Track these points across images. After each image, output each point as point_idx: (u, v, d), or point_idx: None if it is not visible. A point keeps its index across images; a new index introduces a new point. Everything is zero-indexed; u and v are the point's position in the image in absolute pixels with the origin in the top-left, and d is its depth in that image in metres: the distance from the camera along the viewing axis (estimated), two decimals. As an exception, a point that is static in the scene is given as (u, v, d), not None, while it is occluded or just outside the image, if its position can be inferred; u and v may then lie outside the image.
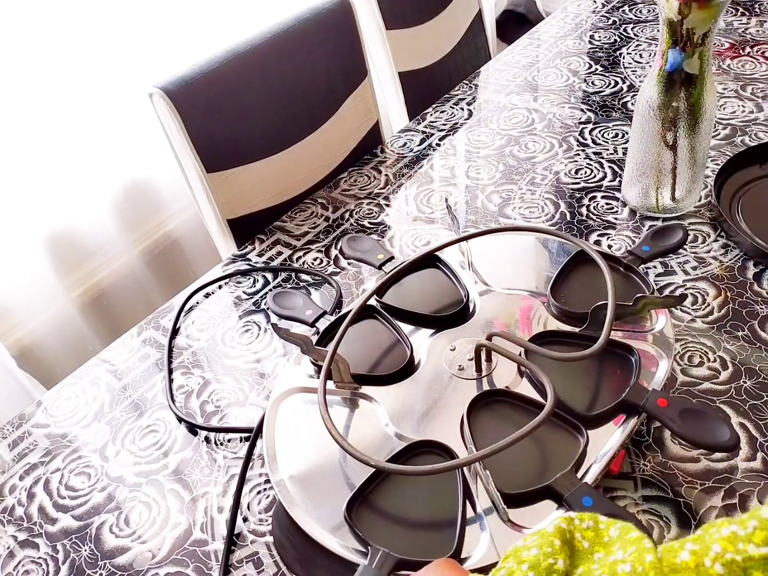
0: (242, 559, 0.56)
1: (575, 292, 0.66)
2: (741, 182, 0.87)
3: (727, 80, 1.10)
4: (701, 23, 0.69)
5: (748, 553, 0.26)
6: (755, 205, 0.83)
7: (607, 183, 0.92)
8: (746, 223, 0.80)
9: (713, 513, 0.54)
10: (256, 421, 0.65)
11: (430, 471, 0.48)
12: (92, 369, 0.76)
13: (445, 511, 0.50)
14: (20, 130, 1.22)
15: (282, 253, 0.89)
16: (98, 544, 0.59)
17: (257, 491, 0.61)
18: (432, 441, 0.54)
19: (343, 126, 1.15)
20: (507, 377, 0.59)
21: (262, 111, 1.03)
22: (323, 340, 0.66)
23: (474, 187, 0.95)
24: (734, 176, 0.87)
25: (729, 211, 0.82)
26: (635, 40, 1.27)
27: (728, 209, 0.83)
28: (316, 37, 1.07)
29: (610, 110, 1.07)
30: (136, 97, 1.29)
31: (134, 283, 1.50)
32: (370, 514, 0.50)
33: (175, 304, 0.83)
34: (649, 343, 0.60)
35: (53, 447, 0.68)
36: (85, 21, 1.24)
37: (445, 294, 0.69)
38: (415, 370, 0.61)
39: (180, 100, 0.92)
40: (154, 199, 1.51)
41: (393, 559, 0.46)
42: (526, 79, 1.20)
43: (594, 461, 0.52)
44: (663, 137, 0.77)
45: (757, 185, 0.86)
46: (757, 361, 0.66)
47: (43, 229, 1.32)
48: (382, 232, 0.90)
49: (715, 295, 0.73)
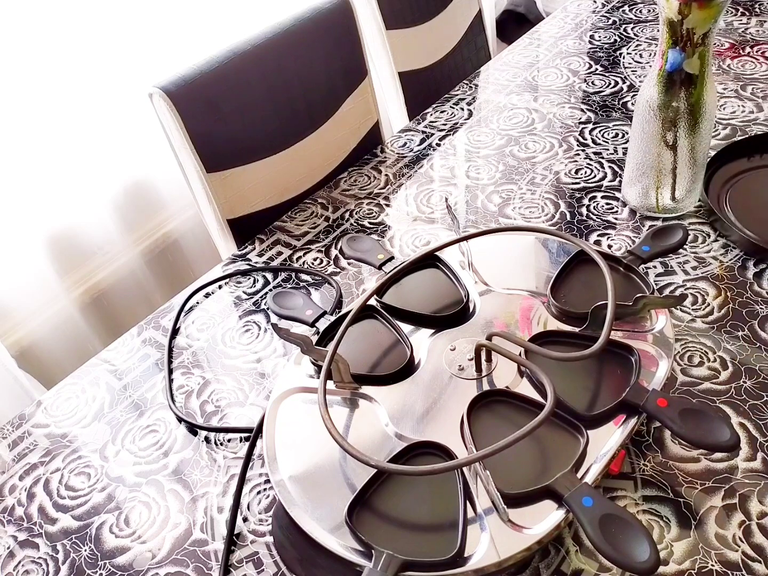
0: (242, 559, 0.56)
1: (575, 292, 0.66)
2: (729, 175, 0.88)
3: (727, 80, 1.10)
4: (701, 23, 0.69)
5: None
6: (744, 197, 0.84)
7: (607, 183, 0.92)
8: (735, 216, 0.81)
9: (713, 513, 0.55)
10: (256, 421, 0.65)
11: (431, 471, 0.48)
12: (92, 369, 0.76)
13: (446, 511, 0.50)
14: (20, 130, 1.22)
15: (282, 253, 0.89)
16: (98, 544, 0.59)
17: (257, 491, 0.61)
18: (430, 442, 0.54)
19: (343, 126, 1.15)
20: (507, 377, 0.59)
21: (262, 111, 1.03)
22: (323, 340, 0.66)
23: (474, 187, 0.95)
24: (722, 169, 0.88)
25: (718, 204, 0.83)
26: (635, 40, 1.27)
27: (717, 202, 0.84)
28: (316, 37, 1.07)
29: (610, 110, 1.07)
30: (136, 97, 1.30)
31: (134, 283, 1.50)
32: (371, 516, 0.50)
33: (175, 304, 0.83)
34: (649, 343, 0.60)
35: (53, 447, 0.68)
36: (85, 21, 1.24)
37: (445, 294, 0.69)
38: (415, 370, 0.61)
39: (180, 100, 0.92)
40: (154, 199, 1.51)
41: (398, 561, 0.46)
42: (526, 79, 1.20)
43: (594, 461, 0.52)
44: (663, 137, 0.77)
45: (744, 177, 0.87)
46: (757, 361, 0.66)
47: (43, 229, 1.32)
48: (382, 232, 0.90)
49: (715, 295, 0.73)
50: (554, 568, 0.53)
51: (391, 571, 0.45)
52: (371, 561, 0.46)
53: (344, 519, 0.49)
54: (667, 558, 0.52)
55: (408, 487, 0.52)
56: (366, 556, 0.47)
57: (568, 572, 0.52)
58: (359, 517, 0.50)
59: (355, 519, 0.50)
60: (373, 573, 0.45)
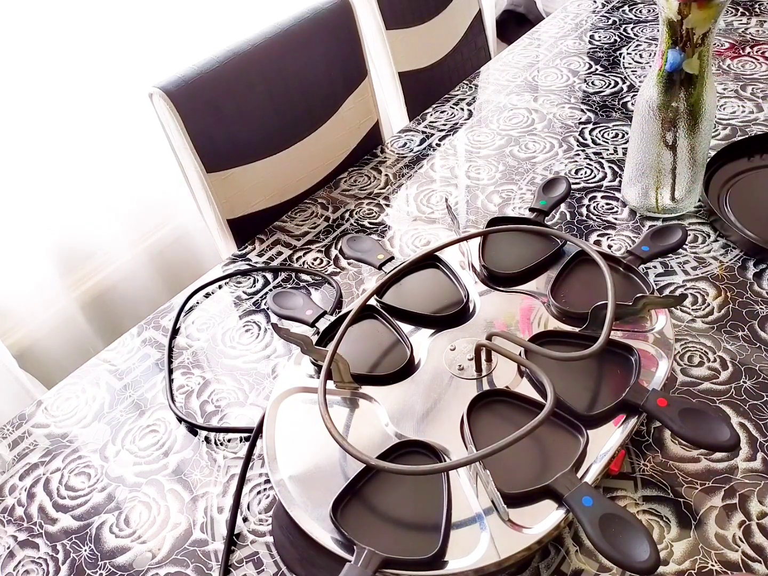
0: (242, 559, 0.56)
1: (575, 292, 0.66)
2: (729, 175, 0.88)
3: (727, 80, 1.10)
4: (701, 23, 0.69)
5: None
6: (744, 197, 0.84)
7: (607, 183, 0.92)
8: (735, 216, 0.81)
9: (713, 513, 0.55)
10: (256, 421, 0.65)
11: (431, 471, 0.48)
12: (92, 369, 0.76)
13: (431, 510, 0.50)
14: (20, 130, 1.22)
15: (282, 253, 0.89)
16: (98, 544, 0.59)
17: (257, 491, 0.61)
18: (416, 440, 0.54)
19: (343, 126, 1.15)
20: (507, 377, 0.59)
21: (262, 111, 1.03)
22: (323, 340, 0.66)
23: (474, 187, 0.95)
24: (722, 169, 0.89)
25: (718, 204, 0.84)
26: (635, 40, 1.27)
27: (717, 202, 0.84)
28: (316, 37, 1.07)
29: (610, 110, 1.07)
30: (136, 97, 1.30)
31: (134, 283, 1.50)
32: (356, 513, 0.50)
33: (175, 304, 0.83)
34: (649, 343, 0.60)
35: (53, 447, 0.68)
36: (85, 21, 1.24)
37: (445, 294, 0.69)
38: (415, 370, 0.61)
39: (180, 100, 0.92)
40: (154, 199, 1.51)
41: (379, 558, 0.46)
42: (526, 79, 1.20)
43: (594, 461, 0.52)
44: (663, 137, 0.77)
45: (744, 177, 0.87)
46: (757, 361, 0.66)
47: (44, 229, 1.32)
48: (382, 232, 0.90)
49: (715, 295, 0.73)
50: (554, 568, 0.53)
51: (372, 568, 0.45)
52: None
53: (329, 515, 0.49)
54: (667, 558, 0.52)
55: (395, 485, 0.52)
56: (351, 552, 0.47)
57: (568, 572, 0.52)
58: (344, 513, 0.50)
59: (339, 515, 0.50)
60: (353, 569, 0.45)
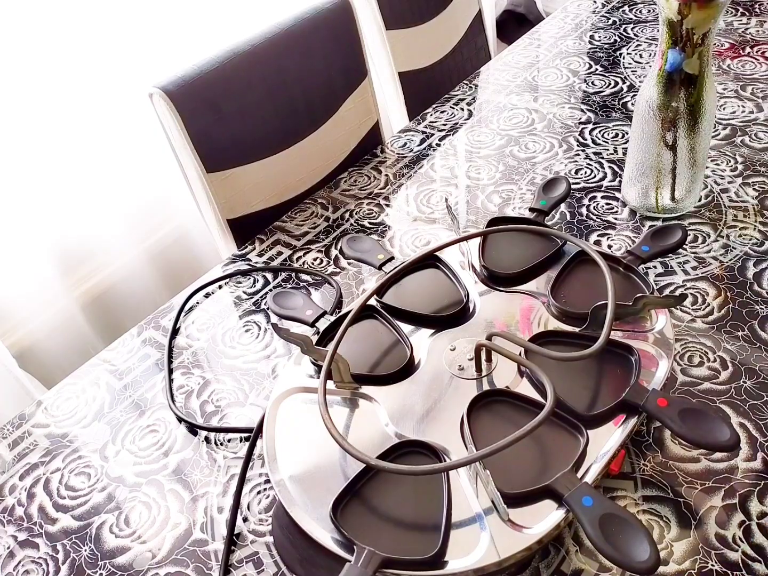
0: (242, 559, 0.56)
1: (575, 292, 0.66)
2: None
3: (727, 80, 1.10)
4: (701, 23, 0.69)
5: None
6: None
7: (607, 183, 0.92)
8: None
9: (713, 513, 0.55)
10: (256, 421, 0.65)
11: (431, 471, 0.48)
12: (92, 369, 0.76)
13: (431, 510, 0.50)
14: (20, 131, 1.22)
15: (282, 253, 0.89)
16: (98, 544, 0.59)
17: (257, 491, 0.61)
18: (416, 440, 0.54)
19: (343, 126, 1.15)
20: (507, 377, 0.59)
21: (262, 111, 1.03)
22: (323, 340, 0.66)
23: (474, 187, 0.95)
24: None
25: None
26: (635, 40, 1.27)
27: None
28: (316, 37, 1.07)
29: (610, 110, 1.07)
30: (136, 97, 1.30)
31: (134, 283, 1.50)
32: (356, 513, 0.50)
33: (175, 304, 0.83)
34: (649, 343, 0.60)
35: (53, 447, 0.68)
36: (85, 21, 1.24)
37: (445, 294, 0.69)
38: (415, 370, 0.61)
39: (180, 100, 0.92)
40: (154, 198, 1.51)
41: (379, 558, 0.46)
42: (526, 79, 1.20)
43: (594, 461, 0.52)
44: (663, 137, 0.77)
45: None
46: (757, 361, 0.66)
47: (44, 229, 1.32)
48: (382, 232, 0.90)
49: (715, 295, 0.73)
50: (554, 568, 0.53)
51: (372, 568, 0.45)
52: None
53: (329, 514, 0.49)
54: (667, 558, 0.52)
55: (395, 485, 0.52)
56: (351, 552, 0.47)
57: (568, 572, 0.52)
58: (344, 513, 0.50)
59: (339, 515, 0.50)
60: (353, 569, 0.45)
